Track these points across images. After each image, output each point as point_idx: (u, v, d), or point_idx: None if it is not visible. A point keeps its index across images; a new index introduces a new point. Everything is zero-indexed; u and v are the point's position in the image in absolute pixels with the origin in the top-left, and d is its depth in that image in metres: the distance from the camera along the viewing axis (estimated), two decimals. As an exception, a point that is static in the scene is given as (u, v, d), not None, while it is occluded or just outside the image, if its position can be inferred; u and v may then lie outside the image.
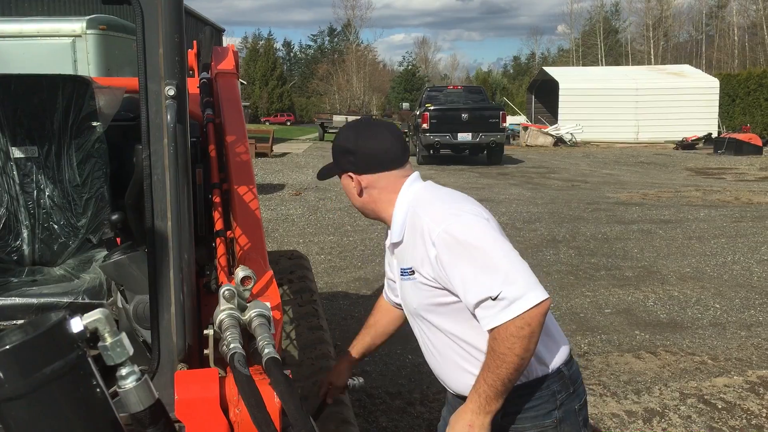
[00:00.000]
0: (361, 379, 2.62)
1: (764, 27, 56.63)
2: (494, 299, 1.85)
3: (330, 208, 13.69)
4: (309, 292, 4.05)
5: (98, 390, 1.11)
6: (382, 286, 2.59)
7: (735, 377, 5.28)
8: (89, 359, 1.11)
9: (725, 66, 60.08)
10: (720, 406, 4.76)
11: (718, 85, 38.10)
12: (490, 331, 1.89)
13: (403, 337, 2.76)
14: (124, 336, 1.21)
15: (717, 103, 37.74)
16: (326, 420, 2.99)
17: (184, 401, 1.79)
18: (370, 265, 8.71)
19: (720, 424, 4.52)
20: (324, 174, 2.28)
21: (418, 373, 5.17)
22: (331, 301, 7.15)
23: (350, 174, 2.20)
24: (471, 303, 1.92)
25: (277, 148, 29.06)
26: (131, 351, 1.22)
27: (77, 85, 3.00)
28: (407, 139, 29.41)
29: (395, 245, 2.20)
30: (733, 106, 38.32)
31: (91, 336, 1.17)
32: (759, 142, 28.62)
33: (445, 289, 2.02)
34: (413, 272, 2.09)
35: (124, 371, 1.23)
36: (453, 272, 1.95)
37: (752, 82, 37.51)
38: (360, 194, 2.21)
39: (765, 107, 36.23)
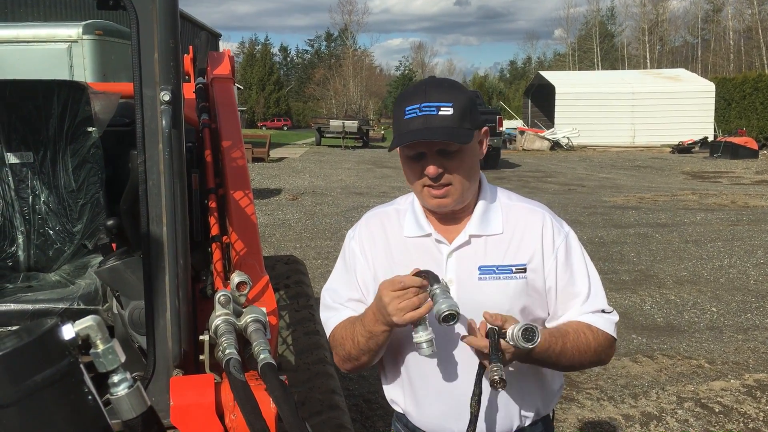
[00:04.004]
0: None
1: (759, 31, 56.86)
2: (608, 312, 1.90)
3: (327, 212, 13.68)
4: (305, 297, 4.03)
5: (90, 397, 1.10)
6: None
7: (732, 381, 5.28)
8: (81, 366, 1.10)
9: (721, 70, 60.30)
10: (717, 410, 4.76)
11: (714, 89, 38.27)
12: (607, 335, 1.87)
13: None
14: (116, 343, 1.20)
15: (713, 107, 37.91)
16: (323, 425, 2.98)
17: (180, 407, 1.78)
18: (367, 270, 8.69)
19: (717, 427, 4.51)
20: (462, 137, 1.74)
21: (416, 378, 5.15)
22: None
23: (486, 129, 1.88)
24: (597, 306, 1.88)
25: (274, 153, 29.07)
26: (123, 358, 1.21)
27: (72, 90, 3.00)
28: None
29: (481, 237, 1.84)
30: (729, 109, 38.45)
31: (84, 342, 1.16)
32: (755, 145, 28.72)
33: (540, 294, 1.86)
34: (524, 270, 1.82)
35: (116, 378, 1.22)
36: (580, 272, 1.88)
37: (748, 85, 37.65)
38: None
39: (761, 111, 36.35)
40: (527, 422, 1.89)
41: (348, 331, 1.84)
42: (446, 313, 1.60)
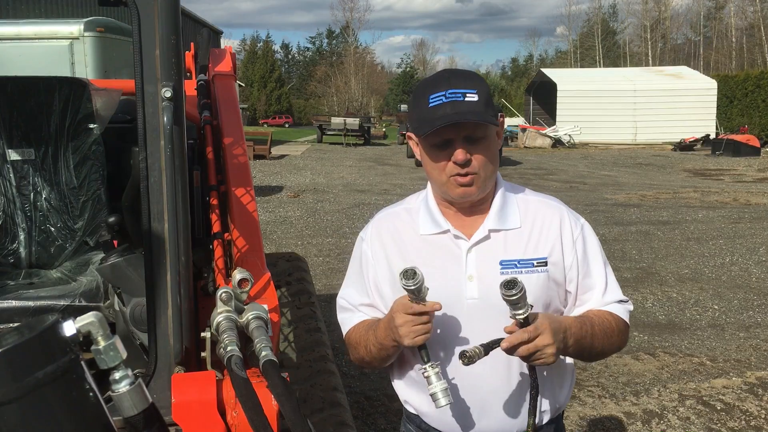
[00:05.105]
0: None
1: (762, 28, 56.74)
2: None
3: (328, 210, 13.68)
4: (307, 294, 4.04)
5: (91, 394, 1.09)
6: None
7: (734, 378, 5.27)
8: (82, 363, 1.10)
9: (723, 67, 60.18)
10: (719, 408, 4.76)
11: (716, 87, 38.19)
12: (625, 321, 1.91)
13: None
14: (117, 339, 1.20)
15: (715, 105, 37.84)
16: (324, 422, 2.99)
17: (182, 404, 1.78)
18: (369, 267, 8.69)
19: (719, 425, 4.51)
20: (491, 120, 1.74)
21: (417, 375, 5.15)
22: (330, 303, 7.13)
23: (502, 120, 1.92)
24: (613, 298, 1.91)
25: (276, 150, 29.06)
26: (125, 355, 1.21)
27: (74, 87, 2.99)
28: (405, 141, 29.66)
29: (500, 232, 1.84)
30: (731, 107, 38.38)
31: (85, 339, 1.16)
32: (757, 143, 28.68)
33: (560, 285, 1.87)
34: (545, 264, 1.82)
35: (117, 375, 1.22)
36: (596, 264, 1.91)
37: (750, 83, 37.57)
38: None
39: (763, 108, 36.28)
40: (546, 418, 1.90)
41: (362, 338, 1.88)
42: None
